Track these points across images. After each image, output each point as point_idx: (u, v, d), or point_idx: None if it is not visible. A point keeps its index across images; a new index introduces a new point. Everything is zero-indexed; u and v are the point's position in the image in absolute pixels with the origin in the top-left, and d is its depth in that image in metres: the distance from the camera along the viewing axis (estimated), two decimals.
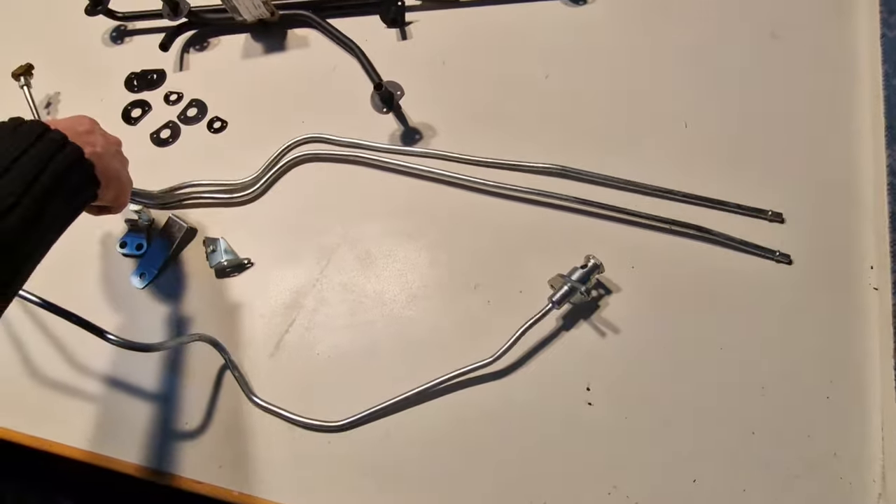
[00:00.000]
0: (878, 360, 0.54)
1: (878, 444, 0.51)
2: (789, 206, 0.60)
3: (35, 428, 0.61)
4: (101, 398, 0.62)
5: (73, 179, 0.47)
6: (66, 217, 0.49)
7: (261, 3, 0.72)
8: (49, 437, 0.61)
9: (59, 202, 0.46)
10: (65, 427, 0.61)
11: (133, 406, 0.61)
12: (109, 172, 0.52)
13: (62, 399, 0.62)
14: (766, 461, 0.52)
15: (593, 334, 0.58)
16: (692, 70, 0.68)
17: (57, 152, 0.46)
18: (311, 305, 0.63)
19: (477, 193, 0.65)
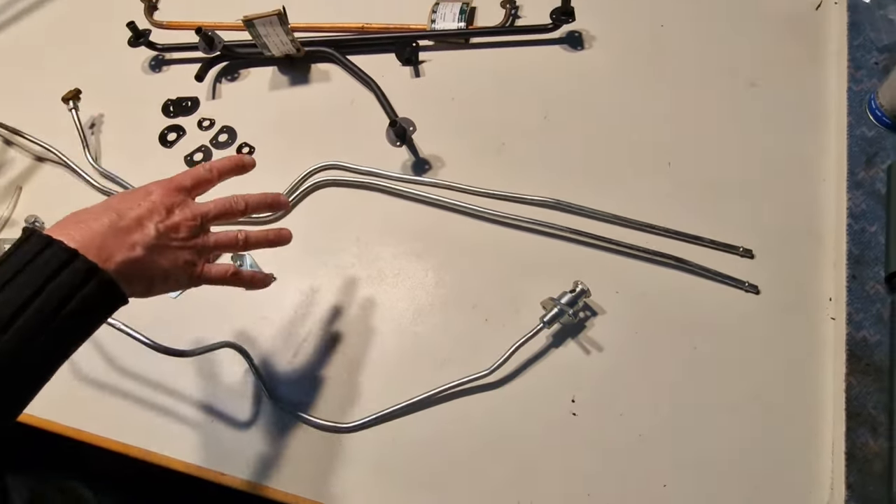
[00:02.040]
0: (830, 381, 0.58)
1: (828, 456, 0.56)
2: (759, 243, 0.65)
3: (77, 422, 0.65)
4: (137, 396, 0.66)
5: (78, 305, 0.40)
6: (74, 338, 0.43)
7: (288, 41, 0.78)
8: (89, 430, 0.65)
9: (60, 326, 0.40)
10: (103, 421, 0.65)
11: (165, 404, 0.65)
12: (150, 275, 0.46)
13: (103, 396, 0.67)
14: (731, 470, 0.56)
15: (579, 352, 0.63)
16: (677, 114, 0.73)
17: (56, 273, 0.40)
18: (327, 318, 0.67)
19: (480, 221, 0.70)
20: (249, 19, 0.74)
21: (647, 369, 0.61)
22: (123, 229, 0.44)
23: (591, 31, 0.80)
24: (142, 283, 0.45)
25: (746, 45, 0.76)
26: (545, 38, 0.80)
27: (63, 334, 0.41)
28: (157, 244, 0.45)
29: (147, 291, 0.47)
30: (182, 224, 0.47)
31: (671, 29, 0.79)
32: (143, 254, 0.44)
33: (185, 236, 0.48)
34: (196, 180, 0.51)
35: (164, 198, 0.47)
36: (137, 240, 0.44)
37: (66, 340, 0.42)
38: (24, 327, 0.38)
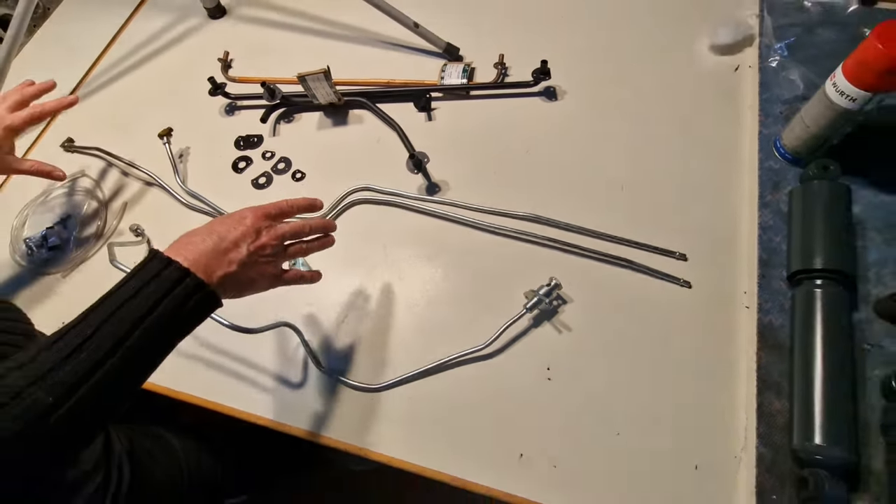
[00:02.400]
0: (745, 355, 0.59)
1: (742, 412, 0.56)
2: (691, 249, 0.66)
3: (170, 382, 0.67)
4: (217, 363, 0.67)
5: (188, 311, 0.43)
6: (181, 334, 0.45)
7: (332, 92, 0.79)
8: (179, 389, 0.66)
9: (173, 327, 0.43)
10: (188, 380, 0.66)
11: (239, 370, 0.66)
12: (241, 284, 0.47)
13: (190, 363, 0.68)
14: (668, 422, 0.57)
15: (553, 331, 0.63)
16: (629, 150, 0.74)
17: (173, 287, 0.42)
18: (360, 304, 0.68)
19: (477, 231, 0.71)
20: (302, 76, 0.76)
21: (604, 345, 0.62)
22: (223, 250, 0.46)
23: (563, 86, 0.81)
24: (235, 289, 0.48)
25: (682, 98, 0.77)
26: (527, 91, 0.81)
27: (174, 332, 0.44)
28: (249, 261, 0.47)
29: (238, 295, 0.49)
30: (268, 244, 0.49)
31: (624, 85, 0.80)
32: (237, 269, 0.46)
33: (270, 253, 0.49)
34: (279, 211, 0.52)
35: (255, 223, 0.49)
36: (234, 258, 0.46)
37: (175, 337, 0.44)
38: (148, 327, 0.41)
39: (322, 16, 0.96)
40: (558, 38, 0.85)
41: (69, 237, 0.78)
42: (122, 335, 0.39)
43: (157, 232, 0.78)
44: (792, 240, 0.61)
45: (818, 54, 0.75)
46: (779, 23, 0.78)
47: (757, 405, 0.55)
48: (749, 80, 0.77)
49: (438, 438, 0.60)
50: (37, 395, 0.36)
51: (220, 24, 0.99)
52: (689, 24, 0.83)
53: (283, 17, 0.97)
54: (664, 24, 0.84)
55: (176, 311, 0.42)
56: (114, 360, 0.39)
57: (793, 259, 0.60)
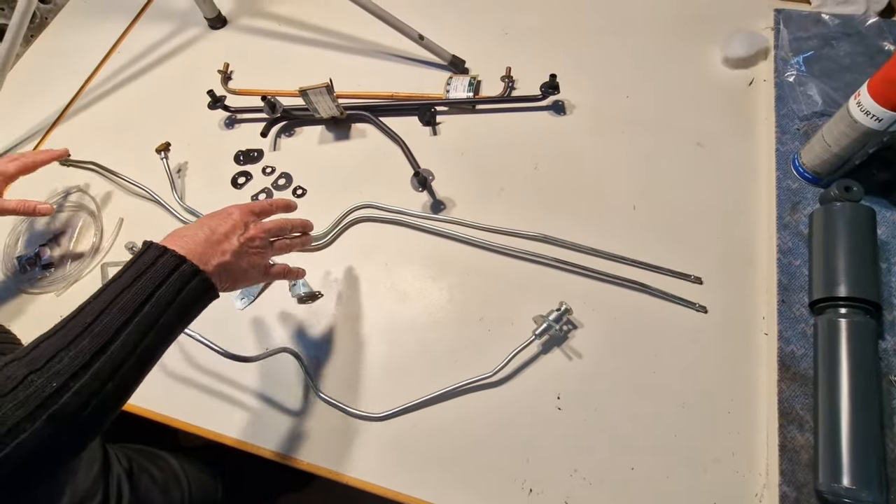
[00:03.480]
0: (765, 386, 0.57)
1: (763, 447, 0.54)
2: (706, 271, 0.63)
3: (165, 408, 0.64)
4: (208, 388, 0.64)
5: (197, 307, 0.45)
6: (181, 322, 0.44)
7: (334, 106, 0.77)
8: (171, 415, 0.64)
9: (172, 312, 0.42)
10: (181, 407, 0.64)
11: (233, 396, 0.64)
12: (235, 274, 0.48)
13: (184, 389, 0.65)
14: (684, 456, 0.55)
15: (563, 358, 0.61)
16: (639, 166, 0.71)
17: (171, 273, 0.42)
18: (362, 327, 0.66)
19: (484, 251, 0.68)
20: (304, 90, 0.73)
21: (617, 373, 0.60)
22: (215, 241, 0.47)
23: (571, 100, 0.79)
24: (229, 280, 0.49)
25: (694, 113, 0.75)
26: (535, 106, 0.79)
27: (174, 320, 0.43)
28: (240, 251, 0.49)
29: (233, 286, 0.50)
30: (256, 237, 0.51)
31: (635, 99, 0.77)
32: (230, 259, 0.48)
33: (259, 245, 0.51)
34: (262, 209, 0.55)
35: (242, 217, 0.51)
36: (226, 248, 0.48)
37: (175, 324, 0.43)
38: (148, 313, 0.41)
39: (324, 27, 0.94)
40: (567, 50, 0.83)
41: (63, 255, 0.75)
42: (123, 322, 0.39)
43: None
44: (813, 265, 0.59)
45: (836, 68, 0.73)
46: (795, 35, 0.75)
47: (779, 440, 0.53)
48: (764, 95, 0.74)
49: (444, 470, 0.57)
50: (38, 382, 0.36)
51: (220, 34, 0.97)
52: (701, 37, 0.80)
53: (284, 28, 0.95)
54: (676, 37, 0.81)
55: (174, 298, 0.42)
56: (115, 347, 0.38)
57: (815, 286, 0.57)
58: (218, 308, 0.67)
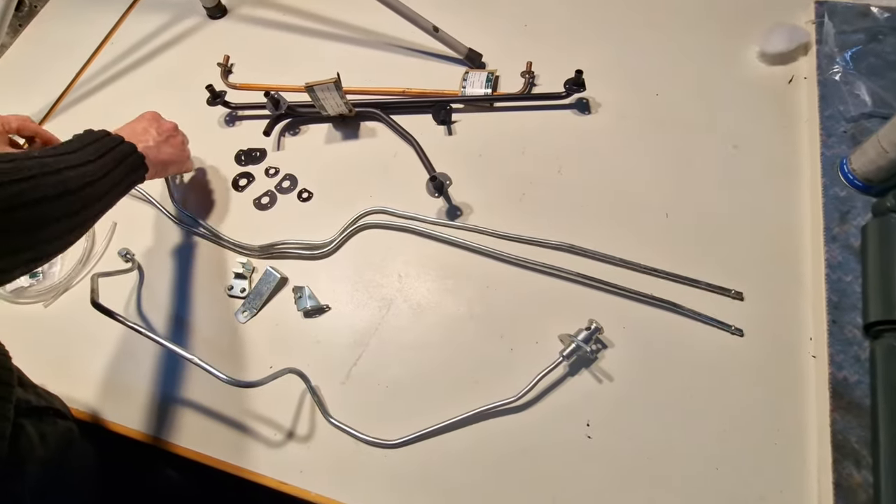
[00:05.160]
0: (814, 413, 0.52)
1: (815, 485, 0.49)
2: (746, 286, 0.59)
3: (156, 430, 0.60)
4: (209, 412, 0.60)
5: (127, 163, 0.54)
6: (122, 186, 0.53)
7: (342, 103, 0.72)
8: (164, 437, 0.59)
9: (113, 176, 0.51)
10: (179, 430, 0.59)
11: (234, 419, 0.59)
12: (161, 157, 0.60)
13: (183, 412, 0.61)
14: (727, 493, 0.50)
15: (592, 380, 0.56)
16: (671, 170, 0.66)
17: (113, 147, 0.53)
18: (374, 344, 0.61)
19: (504, 263, 0.63)
20: (310, 85, 0.68)
21: (651, 398, 0.55)
22: (139, 134, 0.60)
23: (596, 98, 0.73)
24: (157, 161, 0.60)
25: (729, 113, 0.69)
26: (558, 104, 0.73)
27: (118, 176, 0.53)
28: (158, 142, 0.61)
29: (164, 170, 0.62)
30: (167, 128, 0.64)
31: (665, 97, 0.72)
32: (152, 144, 0.60)
33: (171, 135, 0.64)
34: None
35: (153, 115, 0.65)
36: (146, 138, 0.60)
37: (119, 182, 0.53)
38: (104, 163, 0.51)
39: (331, 17, 0.88)
40: (592, 44, 0.77)
41: (51, 262, 0.70)
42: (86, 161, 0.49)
43: (149, 256, 0.70)
44: (868, 283, 0.54)
45: (883, 65, 0.68)
46: (840, 29, 0.70)
47: (833, 478, 0.48)
48: (805, 94, 0.69)
49: (464, 502, 0.52)
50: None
51: (220, 24, 0.92)
52: (737, 31, 0.75)
53: (288, 18, 0.90)
54: (709, 31, 0.76)
55: (118, 163, 0.53)
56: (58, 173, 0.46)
57: (871, 307, 0.52)
58: (219, 324, 0.64)
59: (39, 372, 0.61)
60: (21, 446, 0.45)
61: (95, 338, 0.65)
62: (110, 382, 0.63)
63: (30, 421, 0.47)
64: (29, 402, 0.48)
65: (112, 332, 0.65)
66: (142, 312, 0.67)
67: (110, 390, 0.63)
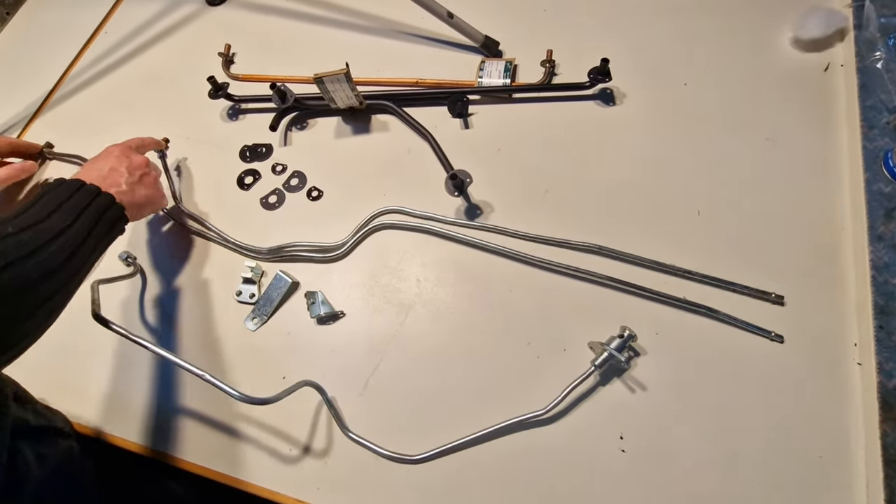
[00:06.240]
0: (862, 425, 0.49)
1: (863, 501, 0.47)
2: (785, 288, 0.55)
3: (162, 445, 0.57)
4: (221, 427, 0.57)
5: (106, 219, 0.48)
6: (103, 245, 0.48)
7: (352, 95, 0.68)
8: (171, 452, 0.57)
9: (92, 238, 0.46)
10: (186, 444, 0.57)
11: (247, 434, 0.56)
12: (137, 200, 0.54)
13: (193, 424, 0.58)
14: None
15: (625, 390, 0.54)
16: (702, 165, 0.63)
17: (90, 202, 0.47)
18: (392, 353, 0.58)
19: (528, 265, 0.60)
20: (319, 77, 0.64)
21: (685, 409, 0.52)
22: (107, 176, 0.52)
23: (621, 88, 0.69)
24: (135, 206, 0.53)
25: (761, 103, 0.66)
26: (581, 95, 0.69)
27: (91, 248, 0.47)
28: (131, 185, 0.53)
29: (139, 213, 0.55)
30: (138, 164, 0.56)
31: (694, 87, 0.68)
32: (126, 189, 0.52)
33: (143, 173, 0.56)
34: (137, 144, 0.62)
35: (123, 151, 0.56)
36: (118, 181, 0.53)
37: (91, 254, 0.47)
38: (83, 223, 0.46)
39: (339, 2, 0.84)
40: (615, 31, 0.73)
41: None
42: (53, 235, 0.43)
43: (152, 260, 0.67)
44: None
45: None
46: (882, 13, 0.66)
47: (885, 495, 0.46)
48: (843, 82, 0.65)
49: None
50: None
51: (220, 11, 0.87)
52: (769, 16, 0.71)
53: (292, 4, 0.85)
54: (740, 16, 0.72)
55: (95, 224, 0.47)
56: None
57: None
58: (228, 332, 0.61)
59: (39, 384, 0.58)
60: (18, 470, 0.43)
61: (96, 347, 0.62)
62: (112, 394, 0.60)
63: (28, 443, 0.44)
64: (27, 423, 0.46)
65: (113, 342, 0.62)
66: (145, 319, 0.64)
67: (113, 402, 0.60)
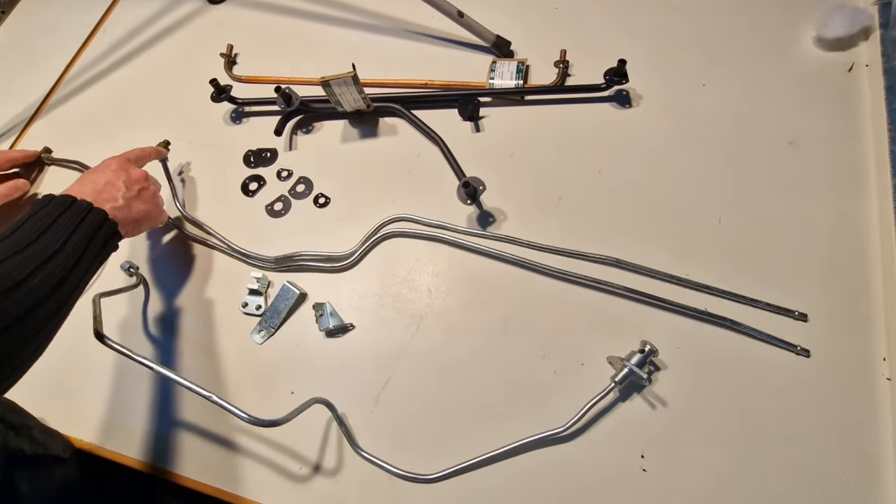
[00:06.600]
0: (892, 442, 0.47)
1: None
2: (809, 301, 0.53)
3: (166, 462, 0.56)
4: (226, 443, 0.56)
5: (99, 237, 0.45)
6: (95, 267, 0.45)
7: (360, 98, 0.66)
8: (176, 471, 0.55)
9: (84, 260, 0.43)
10: (191, 462, 0.55)
11: (257, 451, 0.55)
12: (133, 215, 0.50)
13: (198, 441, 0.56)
14: None
15: (645, 407, 0.52)
16: (722, 171, 0.61)
17: (81, 220, 0.43)
18: (403, 367, 0.56)
19: (543, 276, 0.58)
20: (326, 80, 0.62)
21: (708, 426, 0.50)
22: (103, 191, 0.49)
23: (637, 89, 0.67)
24: (131, 224, 0.50)
25: (782, 105, 0.64)
26: (596, 97, 0.67)
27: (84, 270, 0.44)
28: (128, 199, 0.50)
29: (136, 228, 0.52)
30: (136, 178, 0.53)
31: (713, 88, 0.66)
32: (122, 204, 0.49)
33: (142, 188, 0.53)
34: (137, 156, 0.58)
35: (121, 164, 0.53)
36: (114, 196, 0.49)
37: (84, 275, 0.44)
38: (74, 245, 0.42)
39: (344, 0, 0.81)
40: (630, 30, 0.71)
41: None
42: (45, 259, 0.40)
43: (155, 270, 0.65)
44: None
45: None
46: None
47: None
48: (868, 83, 0.63)
49: None
50: None
51: (222, 9, 0.85)
52: (791, 14, 0.69)
53: (296, 3, 0.83)
54: (760, 14, 0.69)
55: (88, 243, 0.43)
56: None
57: None
58: (233, 345, 0.59)
59: (39, 399, 0.57)
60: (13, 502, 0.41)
61: (98, 359, 0.61)
62: (114, 408, 0.59)
63: (24, 474, 0.42)
64: (22, 452, 0.44)
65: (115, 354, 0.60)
66: (147, 331, 0.62)
67: (114, 417, 0.58)
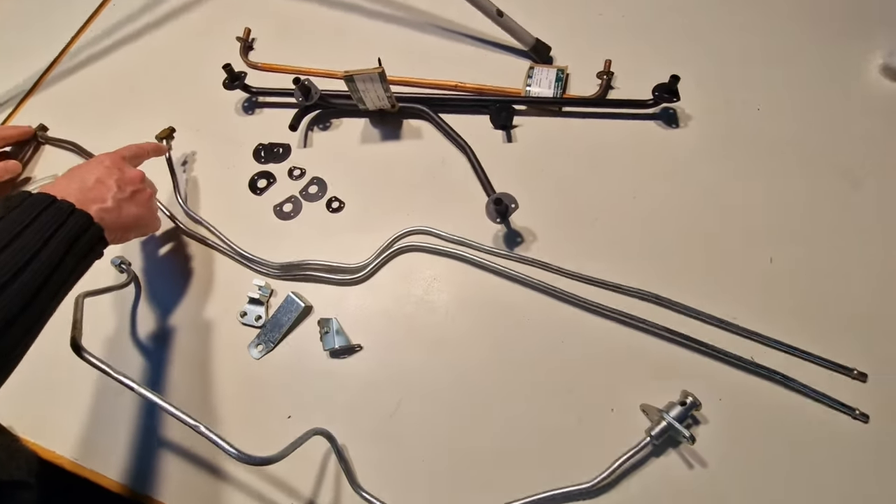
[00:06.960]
0: None
1: None
2: (870, 359, 0.48)
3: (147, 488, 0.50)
4: (217, 470, 0.50)
5: (82, 243, 0.40)
6: (76, 274, 0.41)
7: (385, 97, 0.60)
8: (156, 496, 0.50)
9: (63, 270, 0.39)
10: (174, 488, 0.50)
11: (245, 481, 0.50)
12: (123, 220, 0.45)
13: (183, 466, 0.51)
14: None
15: (682, 465, 0.46)
16: (775, 206, 0.55)
17: (62, 222, 0.39)
18: (412, 398, 0.51)
19: (573, 307, 0.53)
20: (350, 75, 0.57)
21: (752, 492, 0.45)
22: (91, 189, 0.44)
23: (686, 109, 0.62)
24: (119, 228, 0.45)
25: (844, 137, 0.58)
26: (640, 113, 0.62)
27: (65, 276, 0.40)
28: (118, 201, 0.45)
29: (125, 235, 0.47)
30: (131, 178, 0.49)
31: (768, 113, 0.61)
32: (111, 206, 0.44)
33: (135, 189, 0.48)
34: (133, 153, 0.53)
35: (114, 162, 0.48)
36: (103, 196, 0.44)
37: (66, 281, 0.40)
38: (54, 249, 0.38)
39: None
40: (680, 43, 0.66)
41: None
42: (20, 266, 0.36)
43: (148, 268, 0.60)
44: None
45: None
46: None
47: None
48: None
49: None
50: None
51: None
52: (857, 40, 0.63)
53: None
54: (824, 38, 0.64)
55: (68, 250, 0.39)
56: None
57: None
58: (228, 359, 0.53)
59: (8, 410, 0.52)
60: None
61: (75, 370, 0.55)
62: (91, 424, 0.53)
63: None
64: None
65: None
66: (136, 336, 0.57)
67: (91, 434, 0.53)
